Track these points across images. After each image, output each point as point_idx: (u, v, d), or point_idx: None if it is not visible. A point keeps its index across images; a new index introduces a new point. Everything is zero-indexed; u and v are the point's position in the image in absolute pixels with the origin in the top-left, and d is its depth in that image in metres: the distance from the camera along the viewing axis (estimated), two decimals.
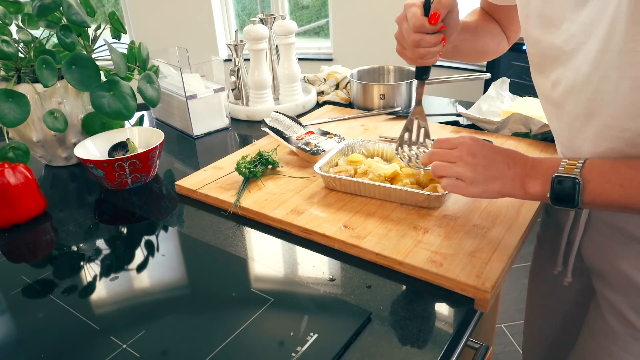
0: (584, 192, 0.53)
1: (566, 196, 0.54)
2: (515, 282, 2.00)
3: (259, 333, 0.53)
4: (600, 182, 0.53)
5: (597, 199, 0.53)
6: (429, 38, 0.66)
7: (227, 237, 0.72)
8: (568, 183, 0.53)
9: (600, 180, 0.53)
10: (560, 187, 0.54)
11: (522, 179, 0.58)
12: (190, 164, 1.02)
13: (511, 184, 0.58)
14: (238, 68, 1.22)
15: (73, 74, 0.88)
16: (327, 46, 3.53)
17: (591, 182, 0.53)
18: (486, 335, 1.01)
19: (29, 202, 0.79)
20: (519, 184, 0.58)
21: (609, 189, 0.52)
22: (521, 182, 0.58)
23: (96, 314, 0.58)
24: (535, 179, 0.57)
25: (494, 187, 0.58)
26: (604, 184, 0.53)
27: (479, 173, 0.59)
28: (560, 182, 0.54)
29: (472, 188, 0.59)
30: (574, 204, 0.53)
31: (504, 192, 0.59)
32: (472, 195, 0.60)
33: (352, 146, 0.89)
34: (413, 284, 0.60)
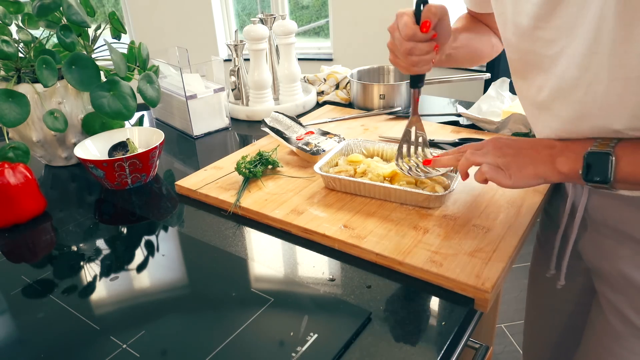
0: (617, 167, 0.52)
1: (599, 172, 0.53)
2: (515, 282, 2.00)
3: (259, 333, 0.53)
4: (634, 159, 0.52)
5: (629, 176, 0.52)
6: (422, 46, 0.66)
7: (227, 237, 0.72)
8: (601, 158, 0.53)
9: (634, 156, 0.52)
10: (593, 163, 0.53)
11: (553, 160, 0.57)
12: (190, 164, 1.02)
13: (543, 166, 0.58)
14: (238, 68, 1.22)
15: (73, 74, 0.88)
16: (327, 46, 3.53)
17: (624, 158, 0.52)
18: (486, 335, 1.01)
19: (29, 202, 0.79)
20: (550, 165, 0.57)
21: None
22: (552, 163, 0.57)
23: (96, 314, 0.58)
24: (567, 157, 0.56)
25: (528, 171, 0.58)
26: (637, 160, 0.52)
27: (510, 161, 0.60)
28: (593, 157, 0.53)
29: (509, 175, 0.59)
30: (607, 179, 0.52)
31: (539, 174, 0.58)
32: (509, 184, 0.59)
33: (352, 146, 0.89)
34: (413, 284, 0.60)
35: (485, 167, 0.62)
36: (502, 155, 0.61)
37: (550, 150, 0.58)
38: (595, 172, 0.53)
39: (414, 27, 0.65)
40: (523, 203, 0.73)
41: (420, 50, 0.66)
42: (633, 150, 0.52)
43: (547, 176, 0.58)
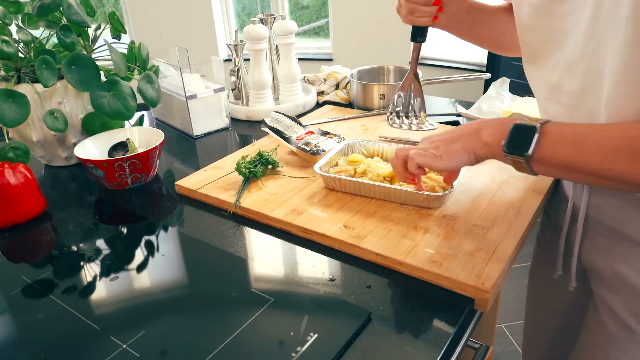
0: (539, 143, 0.53)
1: (520, 145, 0.54)
2: (515, 282, 2.00)
3: (259, 333, 0.53)
4: (556, 137, 0.53)
5: (547, 155, 0.53)
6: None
7: (227, 237, 0.72)
8: (526, 130, 0.54)
9: (557, 135, 0.53)
10: (517, 135, 0.54)
11: (479, 132, 0.59)
12: (190, 164, 1.02)
13: (469, 138, 0.60)
14: (238, 68, 1.22)
15: (73, 74, 0.88)
16: (327, 46, 3.53)
17: (548, 135, 0.53)
18: (486, 335, 1.01)
19: (29, 202, 0.79)
20: (476, 137, 0.59)
21: (561, 144, 0.52)
22: (478, 135, 0.59)
23: (96, 314, 0.58)
24: (494, 128, 0.58)
25: (456, 147, 0.61)
26: (559, 138, 0.52)
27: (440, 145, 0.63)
28: (518, 129, 0.54)
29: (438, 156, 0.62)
30: (526, 150, 0.53)
31: (465, 148, 0.60)
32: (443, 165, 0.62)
33: (352, 146, 0.89)
34: (413, 284, 0.60)
35: (412, 153, 0.65)
36: (431, 142, 0.64)
37: (479, 124, 0.60)
38: (517, 144, 0.54)
39: None
40: (523, 203, 0.73)
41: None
42: (560, 130, 0.53)
43: (474, 149, 0.59)
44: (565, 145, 0.52)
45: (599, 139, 0.50)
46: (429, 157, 0.63)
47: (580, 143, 0.51)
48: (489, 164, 0.86)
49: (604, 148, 0.50)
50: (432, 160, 0.63)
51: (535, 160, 0.54)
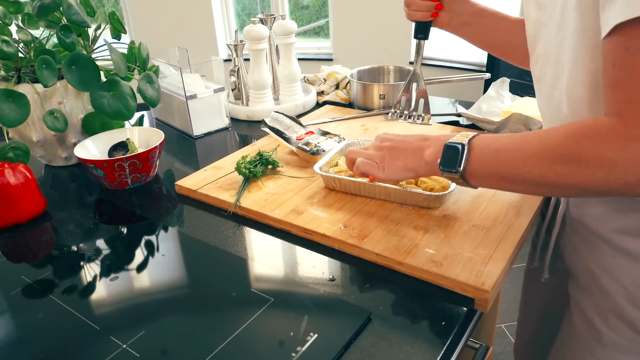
0: (468, 158, 0.55)
1: (451, 160, 0.56)
2: (515, 282, 1.99)
3: (259, 333, 0.53)
4: (481, 149, 0.55)
5: (477, 167, 0.55)
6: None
7: (227, 237, 0.72)
8: (455, 148, 0.56)
9: (483, 147, 0.55)
10: (448, 152, 0.56)
11: (422, 151, 0.61)
12: (190, 164, 1.02)
13: (412, 156, 0.62)
14: (238, 68, 1.22)
15: (73, 74, 0.88)
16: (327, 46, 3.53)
17: (475, 149, 0.55)
18: (486, 335, 1.01)
19: (29, 202, 0.79)
20: (418, 156, 0.61)
21: (486, 155, 0.54)
22: (420, 154, 0.61)
23: (96, 314, 0.58)
24: (433, 148, 0.60)
25: (398, 163, 0.63)
26: (484, 150, 0.55)
27: (385, 154, 0.65)
28: (448, 148, 0.57)
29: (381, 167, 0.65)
30: (455, 167, 0.55)
31: (407, 165, 0.62)
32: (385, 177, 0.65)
33: (352, 146, 0.89)
34: (413, 284, 0.60)
35: (358, 162, 0.67)
36: (379, 149, 0.66)
37: (422, 142, 0.62)
38: (448, 163, 0.56)
39: None
40: (523, 203, 0.73)
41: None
42: (485, 143, 0.55)
43: (415, 167, 0.62)
44: (490, 156, 0.54)
45: (518, 145, 0.52)
46: (373, 167, 0.65)
47: (502, 152, 0.53)
48: None
49: (522, 152, 0.52)
50: (375, 171, 0.65)
51: (469, 174, 0.56)
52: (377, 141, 0.68)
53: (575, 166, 0.48)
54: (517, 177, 0.53)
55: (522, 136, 0.53)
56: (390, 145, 0.65)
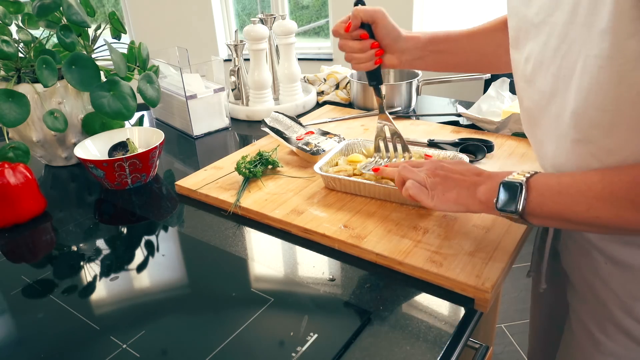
0: (527, 199, 0.54)
1: (509, 202, 0.54)
2: (515, 282, 2.00)
3: (259, 333, 0.53)
4: (542, 190, 0.53)
5: (537, 208, 0.53)
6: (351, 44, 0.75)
7: (227, 237, 0.72)
8: (513, 187, 0.54)
9: (542, 188, 0.53)
10: (505, 192, 0.55)
11: (475, 187, 0.59)
12: (190, 164, 1.02)
13: (466, 192, 0.60)
14: (238, 68, 1.22)
15: (73, 74, 0.88)
16: (327, 46, 3.53)
17: (534, 189, 0.53)
18: (486, 335, 1.01)
19: (29, 202, 0.79)
20: (472, 192, 0.59)
21: (548, 197, 0.53)
22: (473, 191, 0.59)
23: (96, 314, 0.58)
24: (487, 186, 0.58)
25: (450, 195, 0.61)
26: (545, 191, 0.53)
27: (437, 182, 0.62)
28: (506, 186, 0.55)
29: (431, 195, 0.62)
30: (515, 209, 0.54)
31: (459, 201, 0.60)
32: (430, 205, 0.62)
33: (352, 146, 0.89)
34: (413, 284, 0.60)
35: (409, 184, 0.64)
36: (432, 175, 0.63)
37: (476, 178, 0.60)
38: (506, 202, 0.55)
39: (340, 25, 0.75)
40: None
41: (350, 47, 0.76)
42: (545, 183, 0.53)
43: (467, 204, 0.60)
44: (551, 198, 0.53)
45: (582, 189, 0.50)
46: (423, 195, 0.63)
47: (564, 194, 0.51)
48: (489, 164, 0.86)
49: (586, 197, 0.50)
50: (424, 198, 0.63)
51: (528, 214, 0.54)
52: (431, 165, 0.65)
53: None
54: (581, 221, 0.51)
55: (584, 177, 0.51)
56: (444, 174, 0.63)
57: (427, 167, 0.65)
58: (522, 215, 0.54)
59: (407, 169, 0.66)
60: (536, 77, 0.59)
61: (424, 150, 0.83)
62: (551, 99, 0.56)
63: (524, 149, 0.92)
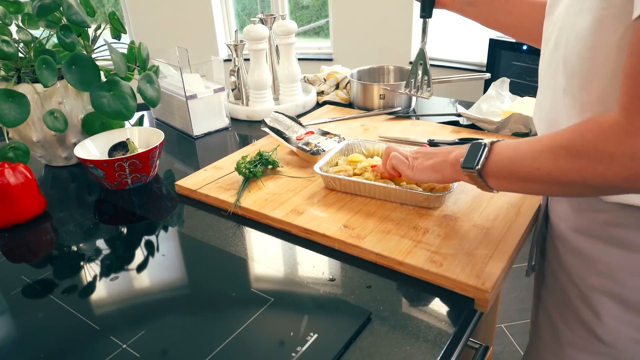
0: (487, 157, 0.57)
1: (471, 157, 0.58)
2: (515, 282, 2.00)
3: (259, 333, 0.53)
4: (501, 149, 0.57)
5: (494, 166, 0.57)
6: None
7: (227, 237, 0.72)
8: (477, 147, 0.58)
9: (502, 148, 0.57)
10: (471, 149, 0.59)
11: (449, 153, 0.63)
12: (190, 164, 1.02)
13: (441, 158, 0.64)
14: (238, 68, 1.22)
15: (73, 74, 0.88)
16: (327, 46, 3.53)
17: (495, 151, 0.57)
18: (486, 335, 1.01)
19: (29, 202, 0.79)
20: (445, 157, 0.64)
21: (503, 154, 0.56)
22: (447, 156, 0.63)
23: (96, 314, 0.58)
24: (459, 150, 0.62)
25: (427, 164, 0.66)
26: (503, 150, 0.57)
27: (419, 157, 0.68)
28: (472, 146, 0.59)
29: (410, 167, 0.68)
30: (474, 165, 0.57)
31: (435, 168, 0.65)
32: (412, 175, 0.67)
33: (352, 146, 0.89)
34: (413, 284, 0.60)
35: (392, 154, 0.70)
36: (417, 152, 0.69)
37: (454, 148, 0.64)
38: (469, 160, 0.58)
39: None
40: (523, 203, 0.73)
41: None
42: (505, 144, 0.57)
43: (441, 168, 0.64)
44: (506, 156, 0.56)
45: (531, 143, 0.54)
46: (403, 164, 0.68)
47: (517, 150, 0.55)
48: None
49: (532, 149, 0.53)
50: (404, 168, 0.68)
51: (486, 173, 0.57)
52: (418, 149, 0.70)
53: (576, 161, 0.48)
54: (527, 176, 0.53)
55: (537, 137, 0.54)
56: (426, 151, 0.68)
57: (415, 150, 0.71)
58: (480, 172, 0.58)
59: (393, 147, 0.72)
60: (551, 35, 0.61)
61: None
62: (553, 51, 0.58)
63: None
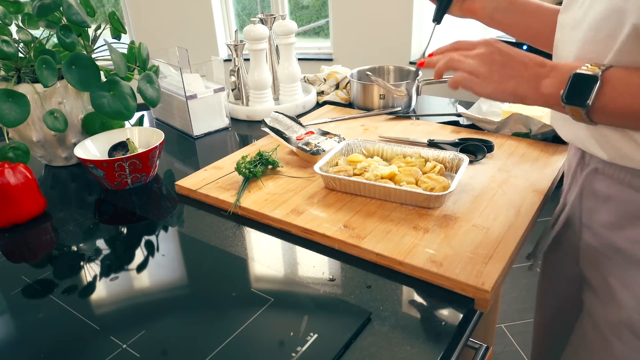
0: (600, 91, 0.50)
1: (580, 95, 0.50)
2: (515, 282, 2.00)
3: (259, 333, 0.53)
4: (619, 82, 0.49)
5: (610, 102, 0.50)
6: None
7: (227, 237, 0.72)
8: (587, 79, 0.50)
9: (620, 80, 0.49)
10: (577, 83, 0.51)
11: (539, 80, 0.55)
12: (190, 164, 1.02)
13: (526, 84, 0.55)
14: (238, 68, 1.22)
15: (73, 74, 0.88)
16: (327, 46, 3.53)
17: (611, 82, 0.49)
18: (486, 335, 1.01)
19: (29, 202, 0.79)
20: (534, 84, 0.55)
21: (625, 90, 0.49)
22: (536, 83, 0.55)
23: (96, 314, 0.58)
24: (553, 78, 0.54)
25: (507, 86, 0.56)
26: (623, 83, 0.49)
27: (494, 70, 0.56)
28: (578, 78, 0.51)
29: (486, 84, 0.57)
30: (585, 100, 0.50)
31: (518, 93, 0.56)
32: (484, 94, 0.57)
33: (352, 146, 0.89)
34: (413, 284, 0.60)
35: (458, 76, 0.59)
36: (489, 63, 0.57)
37: (540, 69, 0.55)
38: (577, 95, 0.51)
39: None
40: (523, 203, 0.73)
41: None
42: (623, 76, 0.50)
43: (526, 96, 0.56)
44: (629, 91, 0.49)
45: None
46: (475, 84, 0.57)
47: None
48: (489, 164, 0.86)
49: None
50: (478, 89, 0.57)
51: (596, 110, 0.50)
52: (485, 48, 0.58)
53: None
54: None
55: None
56: (502, 61, 0.56)
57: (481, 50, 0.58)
58: (589, 110, 0.50)
59: (455, 60, 0.60)
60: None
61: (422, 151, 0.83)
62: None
63: (524, 149, 0.92)
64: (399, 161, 0.84)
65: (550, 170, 0.83)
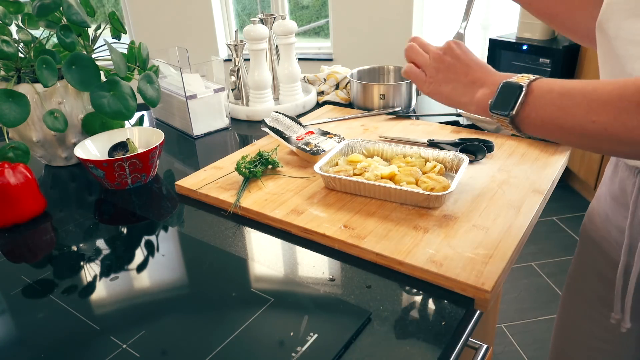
0: (524, 101, 0.51)
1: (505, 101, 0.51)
2: (515, 282, 2.00)
3: (259, 333, 0.53)
4: (542, 93, 0.50)
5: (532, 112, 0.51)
6: None
7: (227, 237, 0.72)
8: (512, 89, 0.51)
9: (544, 91, 0.50)
10: (503, 92, 0.52)
11: (475, 87, 0.56)
12: (190, 164, 1.02)
13: (463, 89, 0.57)
14: (238, 68, 1.22)
15: (73, 74, 0.88)
16: (327, 46, 3.53)
17: (534, 92, 0.51)
18: (486, 335, 1.01)
19: (29, 202, 0.79)
20: (470, 90, 0.57)
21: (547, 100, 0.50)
22: (472, 89, 0.56)
23: (96, 314, 0.58)
24: (486, 87, 0.55)
25: (444, 88, 0.59)
26: (545, 94, 0.50)
27: (440, 70, 0.59)
28: (505, 88, 0.52)
29: (428, 83, 0.61)
30: (507, 110, 0.51)
31: (452, 97, 0.58)
32: (424, 92, 0.62)
33: (352, 146, 0.89)
34: (413, 284, 0.60)
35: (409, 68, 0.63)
36: (438, 62, 0.60)
37: (480, 76, 0.56)
38: (501, 103, 0.52)
39: None
40: (523, 203, 0.73)
41: None
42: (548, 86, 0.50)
43: (460, 101, 0.58)
44: (550, 102, 0.49)
45: (587, 90, 0.47)
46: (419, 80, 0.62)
47: (565, 97, 0.48)
48: (489, 164, 0.86)
49: (590, 100, 0.47)
50: (421, 85, 0.62)
51: (521, 119, 0.52)
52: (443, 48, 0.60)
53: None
54: (576, 128, 0.48)
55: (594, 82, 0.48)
56: (449, 63, 0.59)
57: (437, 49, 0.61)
58: (514, 119, 0.52)
59: (413, 50, 0.63)
60: None
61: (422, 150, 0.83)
62: None
63: (524, 149, 0.92)
64: (399, 161, 0.84)
65: (550, 170, 0.83)
